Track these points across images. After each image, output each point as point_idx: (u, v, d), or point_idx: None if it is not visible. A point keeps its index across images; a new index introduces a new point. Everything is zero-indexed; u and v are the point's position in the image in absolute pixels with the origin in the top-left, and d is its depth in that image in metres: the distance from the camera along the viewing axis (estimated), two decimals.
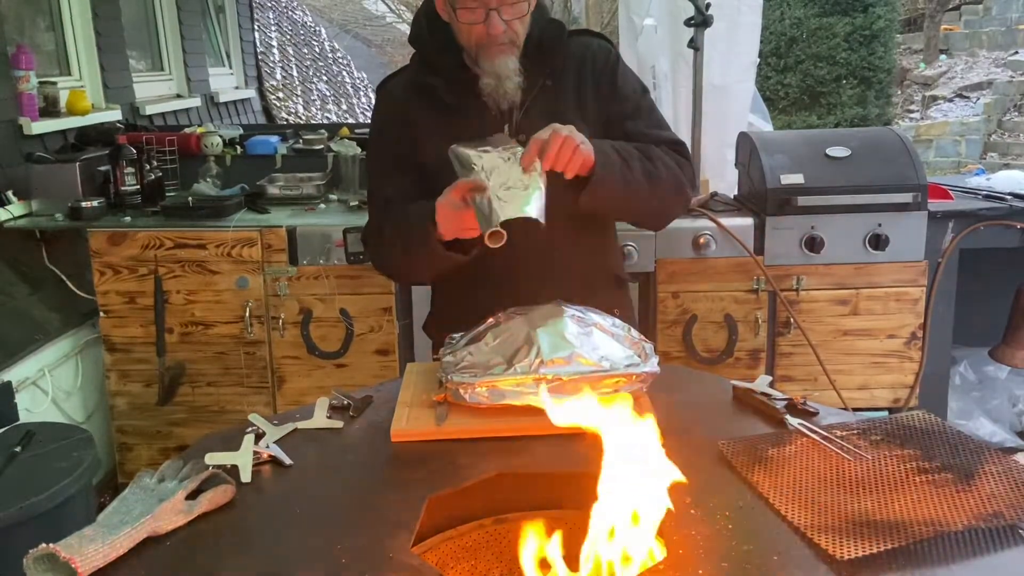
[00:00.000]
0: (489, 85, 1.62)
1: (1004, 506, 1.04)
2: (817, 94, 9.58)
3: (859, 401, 3.06)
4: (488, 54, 1.61)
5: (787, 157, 2.97)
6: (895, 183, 2.90)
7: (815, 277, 2.96)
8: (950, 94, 10.82)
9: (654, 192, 1.60)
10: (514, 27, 1.60)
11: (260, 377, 3.03)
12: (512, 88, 1.62)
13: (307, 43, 10.48)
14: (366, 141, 3.63)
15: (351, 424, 1.37)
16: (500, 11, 1.56)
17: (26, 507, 1.95)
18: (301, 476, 1.22)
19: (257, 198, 3.21)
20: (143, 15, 5.03)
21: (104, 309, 2.98)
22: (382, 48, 16.55)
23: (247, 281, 2.94)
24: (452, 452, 1.26)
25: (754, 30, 3.41)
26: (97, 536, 1.00)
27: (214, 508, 1.11)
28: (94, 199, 3.06)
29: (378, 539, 1.03)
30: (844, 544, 0.97)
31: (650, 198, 1.61)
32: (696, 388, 1.48)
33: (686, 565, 0.96)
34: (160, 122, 4.61)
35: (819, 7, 9.45)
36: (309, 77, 9.64)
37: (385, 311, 2.96)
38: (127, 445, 3.10)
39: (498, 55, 1.60)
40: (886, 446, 1.21)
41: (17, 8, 3.69)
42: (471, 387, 1.34)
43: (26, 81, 3.35)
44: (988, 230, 2.99)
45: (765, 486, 1.11)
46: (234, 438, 1.27)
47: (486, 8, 1.56)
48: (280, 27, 9.37)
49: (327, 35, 12.28)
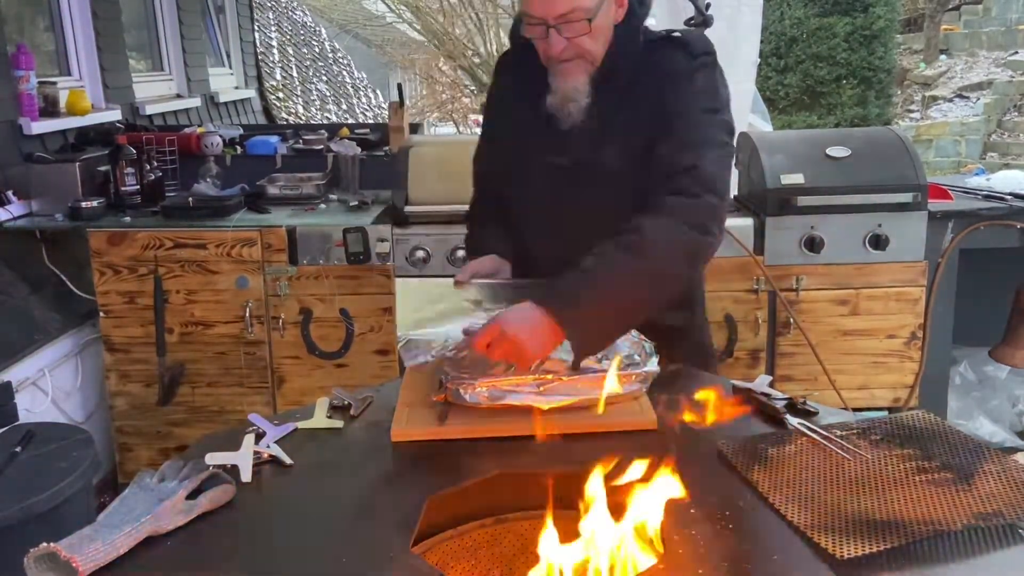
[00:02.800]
0: (553, 105, 1.54)
1: (1003, 505, 1.04)
2: (817, 94, 9.58)
3: (859, 401, 3.06)
4: (554, 72, 1.52)
5: (787, 157, 2.97)
6: (895, 183, 2.90)
7: (815, 277, 2.96)
8: (950, 94, 10.82)
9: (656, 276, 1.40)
10: (579, 44, 1.48)
11: (260, 377, 3.03)
12: (575, 110, 1.53)
13: (307, 43, 10.47)
14: (368, 140, 3.67)
15: (351, 424, 1.38)
16: (560, 28, 1.46)
17: (26, 507, 1.94)
18: (301, 476, 1.22)
19: (257, 198, 3.21)
20: (143, 15, 5.03)
21: (104, 309, 2.98)
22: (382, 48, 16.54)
23: (247, 281, 2.94)
24: (452, 452, 1.26)
25: (754, 30, 3.41)
26: (98, 535, 1.00)
27: (214, 508, 1.11)
28: (94, 199, 3.06)
29: (378, 539, 1.03)
30: (844, 544, 0.97)
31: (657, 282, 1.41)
32: (696, 388, 1.48)
33: (686, 565, 0.96)
34: (160, 122, 4.61)
35: (819, 7, 9.46)
36: (309, 77, 9.63)
37: (385, 311, 2.96)
38: (127, 445, 3.09)
39: (563, 75, 1.51)
40: (886, 446, 1.21)
41: (17, 8, 3.69)
42: (471, 387, 1.34)
43: (26, 81, 3.34)
44: (988, 230, 2.99)
45: (765, 486, 1.11)
46: (234, 438, 1.27)
47: (545, 25, 1.46)
48: (280, 27, 9.37)
49: (327, 35, 12.27)
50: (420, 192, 2.96)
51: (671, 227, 1.39)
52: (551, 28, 1.46)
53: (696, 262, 1.48)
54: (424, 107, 14.14)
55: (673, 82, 1.50)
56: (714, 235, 1.43)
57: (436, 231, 2.93)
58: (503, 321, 1.31)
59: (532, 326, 1.30)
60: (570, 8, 1.44)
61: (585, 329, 1.33)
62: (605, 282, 1.35)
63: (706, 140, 1.48)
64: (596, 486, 1.00)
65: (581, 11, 1.44)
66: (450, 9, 13.48)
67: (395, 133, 3.53)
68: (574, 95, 1.51)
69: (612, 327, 1.37)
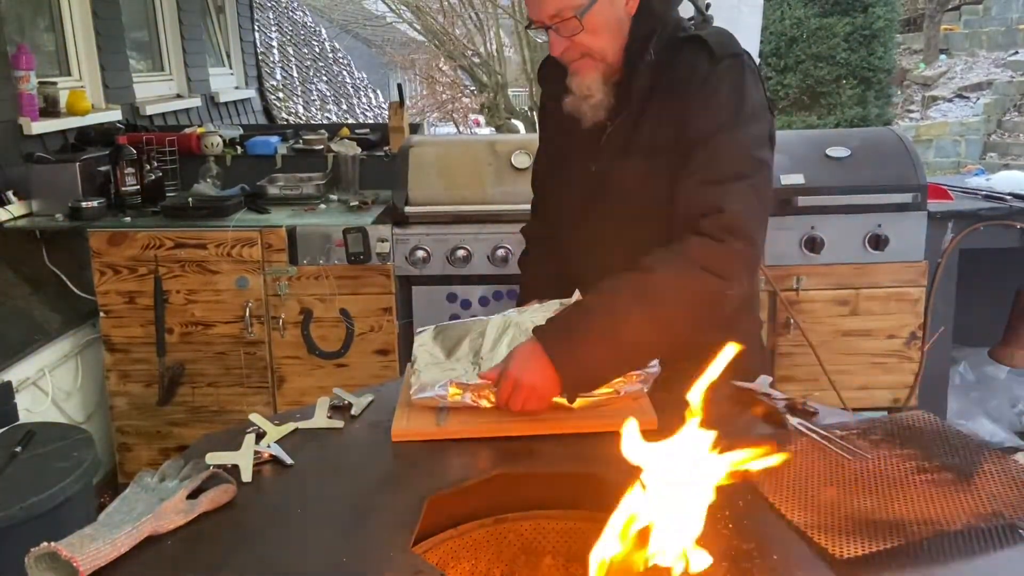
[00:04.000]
0: (568, 104, 1.51)
1: (1004, 505, 1.04)
2: (817, 94, 9.59)
3: (859, 401, 3.06)
4: (570, 73, 1.49)
5: (787, 157, 2.97)
6: (895, 183, 2.90)
7: (815, 277, 2.96)
8: (950, 94, 10.83)
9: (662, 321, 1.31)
10: (581, 42, 1.44)
11: (260, 377, 3.03)
12: (589, 108, 1.49)
13: (307, 43, 10.48)
14: (368, 140, 3.67)
15: (351, 424, 1.38)
16: (557, 29, 1.43)
17: (26, 507, 1.94)
18: (301, 476, 1.22)
19: (257, 198, 3.21)
20: (143, 15, 5.03)
21: (104, 309, 2.98)
22: (382, 48, 16.56)
23: (247, 281, 2.94)
24: (452, 452, 1.26)
25: (754, 30, 3.41)
26: (98, 535, 1.00)
27: (215, 508, 1.11)
28: (94, 199, 3.06)
29: (378, 539, 1.03)
30: (844, 544, 0.97)
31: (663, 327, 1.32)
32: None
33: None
34: (160, 122, 4.61)
35: (819, 7, 9.46)
36: (309, 77, 9.64)
37: (385, 311, 2.97)
38: (127, 445, 3.10)
39: (574, 74, 1.48)
40: (886, 446, 1.21)
41: (17, 8, 3.69)
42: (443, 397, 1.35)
43: (26, 81, 3.35)
44: (988, 230, 2.99)
45: (765, 486, 1.11)
46: (234, 438, 1.27)
47: (544, 26, 1.44)
48: (280, 27, 9.37)
49: (327, 35, 12.28)
50: (420, 192, 2.96)
51: (686, 271, 1.31)
52: (549, 29, 1.44)
53: (714, 309, 1.35)
54: (424, 107, 14.15)
55: (694, 92, 1.41)
56: (739, 281, 1.33)
57: (436, 231, 2.93)
58: (511, 369, 1.30)
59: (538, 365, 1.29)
60: (558, 8, 1.42)
61: (577, 366, 1.29)
62: (603, 323, 1.30)
63: (730, 175, 1.36)
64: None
65: (569, 9, 1.41)
66: (450, 9, 13.49)
67: (395, 133, 3.53)
68: (586, 93, 1.48)
69: (606, 368, 1.32)
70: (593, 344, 1.30)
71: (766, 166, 1.42)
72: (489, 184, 2.97)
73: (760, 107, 1.44)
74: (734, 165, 1.37)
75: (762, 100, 1.45)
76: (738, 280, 1.33)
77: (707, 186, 1.36)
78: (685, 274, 1.31)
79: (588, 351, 1.30)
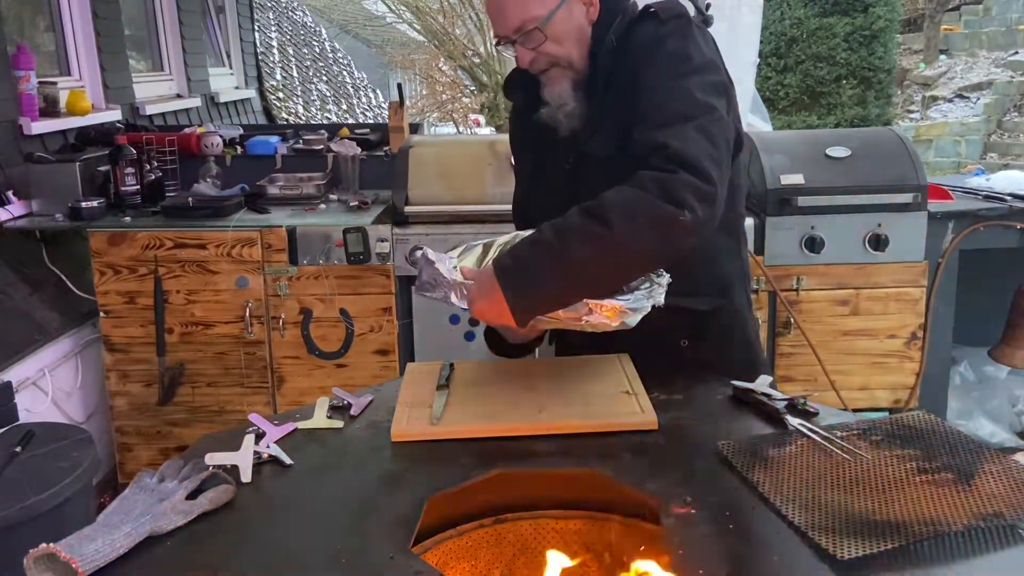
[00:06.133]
0: (544, 115, 1.53)
1: (1004, 506, 1.04)
2: (817, 94, 9.59)
3: (859, 401, 3.06)
4: (542, 81, 1.51)
5: (787, 157, 2.97)
6: (895, 183, 2.90)
7: (815, 277, 2.96)
8: (950, 94, 10.83)
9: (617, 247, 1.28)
10: (547, 52, 1.47)
11: (260, 377, 3.03)
12: (565, 116, 1.51)
13: (307, 43, 10.48)
14: (368, 140, 3.67)
15: (351, 424, 1.37)
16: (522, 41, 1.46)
17: (26, 507, 1.94)
18: (301, 476, 1.22)
19: (257, 198, 3.21)
20: (143, 15, 5.03)
21: (104, 309, 2.98)
22: (382, 48, 16.56)
23: (247, 281, 2.94)
24: (452, 452, 1.26)
25: (754, 30, 3.42)
26: (97, 536, 1.00)
27: (214, 508, 1.11)
28: (94, 199, 3.06)
29: (378, 539, 1.03)
30: (844, 544, 0.97)
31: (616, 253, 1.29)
32: (696, 388, 1.48)
33: (687, 565, 0.96)
34: (160, 122, 4.61)
35: (819, 7, 9.47)
36: (309, 77, 9.63)
37: (385, 311, 2.96)
38: (127, 445, 3.10)
39: (546, 83, 1.51)
40: (886, 446, 1.21)
41: (17, 8, 3.69)
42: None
43: (26, 81, 3.35)
44: (988, 230, 2.99)
45: (765, 486, 1.11)
46: (234, 438, 1.27)
47: (509, 39, 1.47)
48: (280, 27, 9.37)
49: (327, 35, 12.28)
50: (420, 192, 2.96)
51: (635, 197, 1.29)
52: (515, 43, 1.47)
53: (670, 239, 1.30)
54: (424, 107, 14.14)
55: (643, 55, 1.43)
56: (693, 211, 1.27)
57: (436, 231, 2.93)
58: (474, 292, 1.34)
59: (490, 290, 1.31)
60: (521, 21, 1.44)
61: (526, 296, 1.29)
62: (551, 249, 1.29)
63: (677, 117, 1.35)
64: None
65: (532, 20, 1.44)
66: (450, 9, 13.49)
67: (395, 133, 3.53)
68: (559, 102, 1.51)
69: (557, 293, 1.30)
70: (543, 269, 1.29)
71: (716, 110, 1.39)
72: (489, 184, 2.97)
73: (709, 62, 1.44)
74: (680, 108, 1.37)
75: (712, 56, 1.46)
76: (691, 208, 1.27)
77: (653, 130, 1.35)
78: (634, 200, 1.29)
79: (538, 277, 1.29)
